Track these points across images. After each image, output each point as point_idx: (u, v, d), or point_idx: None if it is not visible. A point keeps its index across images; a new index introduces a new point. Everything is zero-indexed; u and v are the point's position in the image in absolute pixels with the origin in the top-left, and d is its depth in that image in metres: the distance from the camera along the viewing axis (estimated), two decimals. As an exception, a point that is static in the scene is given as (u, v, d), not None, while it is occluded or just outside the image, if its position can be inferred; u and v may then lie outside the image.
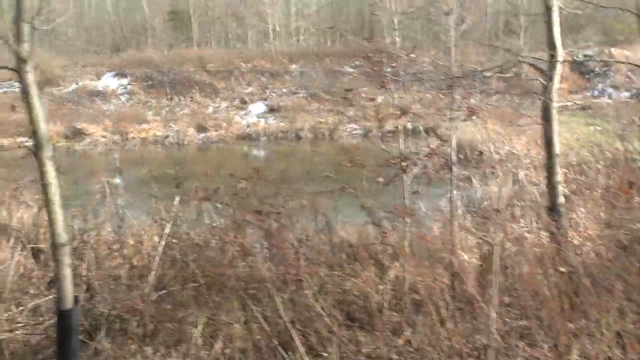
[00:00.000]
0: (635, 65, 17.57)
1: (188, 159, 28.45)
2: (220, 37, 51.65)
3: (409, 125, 35.94)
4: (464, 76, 7.63)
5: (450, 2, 8.20)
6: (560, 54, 7.34)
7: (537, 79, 7.72)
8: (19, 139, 35.86)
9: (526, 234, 7.34)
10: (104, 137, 33.48)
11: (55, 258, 3.63)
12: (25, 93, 3.55)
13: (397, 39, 39.22)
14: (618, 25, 37.67)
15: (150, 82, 39.44)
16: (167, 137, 33.05)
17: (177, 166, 7.87)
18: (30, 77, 3.51)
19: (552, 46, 7.34)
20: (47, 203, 3.57)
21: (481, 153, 7.81)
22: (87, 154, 31.02)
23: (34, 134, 3.60)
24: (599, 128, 23.60)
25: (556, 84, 7.35)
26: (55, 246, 3.60)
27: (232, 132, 32.92)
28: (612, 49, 36.99)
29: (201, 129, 33.36)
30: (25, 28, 3.46)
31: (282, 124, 33.46)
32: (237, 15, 50.46)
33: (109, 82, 39.64)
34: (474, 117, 8.03)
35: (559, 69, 7.38)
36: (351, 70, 39.79)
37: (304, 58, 40.61)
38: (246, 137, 32.66)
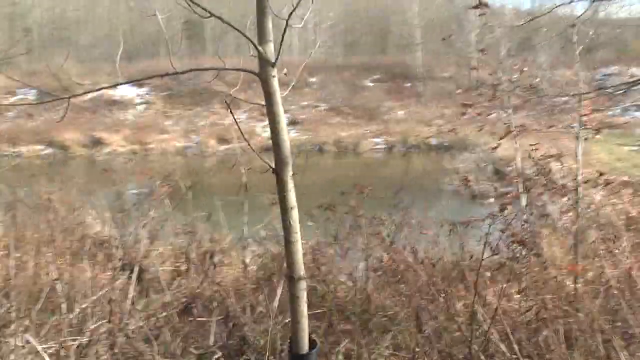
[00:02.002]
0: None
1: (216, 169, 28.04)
2: (235, 48, 51.23)
3: (433, 141, 34.95)
4: (594, 91, 7.25)
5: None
6: None
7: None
8: (37, 147, 35.48)
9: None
10: (123, 146, 33.06)
11: (291, 293, 3.16)
12: (268, 102, 3.08)
13: (418, 53, 39.05)
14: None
15: (169, 92, 38.99)
16: (189, 147, 32.64)
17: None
18: (276, 83, 3.06)
19: None
20: (286, 230, 3.10)
21: (602, 174, 7.32)
22: (109, 164, 30.58)
23: (276, 148, 3.13)
24: (634, 148, 23.30)
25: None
26: (292, 279, 3.14)
27: (254, 144, 32.43)
28: (634, 69, 37.01)
29: (222, 140, 32.90)
30: (270, 25, 3.02)
31: (304, 137, 33.02)
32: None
33: (126, 91, 39.17)
34: (599, 135, 7.61)
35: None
36: (371, 84, 39.55)
37: (322, 71, 40.22)
38: (269, 149, 32.16)
